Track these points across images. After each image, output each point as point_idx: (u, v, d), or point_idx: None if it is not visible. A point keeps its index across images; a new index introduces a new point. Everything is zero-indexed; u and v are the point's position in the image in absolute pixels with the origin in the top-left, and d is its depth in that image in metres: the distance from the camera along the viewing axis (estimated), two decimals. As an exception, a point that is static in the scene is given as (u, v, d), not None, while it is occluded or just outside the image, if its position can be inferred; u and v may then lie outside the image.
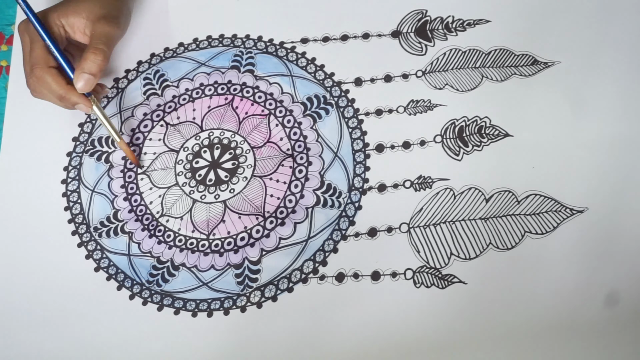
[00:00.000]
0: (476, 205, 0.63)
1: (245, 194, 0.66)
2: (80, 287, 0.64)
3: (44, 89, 0.63)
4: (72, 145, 0.71)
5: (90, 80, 0.63)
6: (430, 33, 0.71)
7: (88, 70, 0.62)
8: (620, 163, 0.63)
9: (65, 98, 0.63)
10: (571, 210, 0.62)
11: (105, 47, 0.64)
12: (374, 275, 0.61)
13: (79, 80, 0.62)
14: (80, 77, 0.62)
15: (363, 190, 0.65)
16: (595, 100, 0.66)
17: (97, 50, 0.63)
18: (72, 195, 0.68)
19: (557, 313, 0.58)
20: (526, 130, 0.65)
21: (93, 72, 0.63)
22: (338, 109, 0.68)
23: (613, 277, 0.59)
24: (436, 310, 0.60)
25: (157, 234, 0.65)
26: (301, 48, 0.72)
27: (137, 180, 0.68)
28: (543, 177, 0.63)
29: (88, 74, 0.62)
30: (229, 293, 0.62)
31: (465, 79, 0.68)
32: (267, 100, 0.69)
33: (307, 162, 0.66)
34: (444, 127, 0.66)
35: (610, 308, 0.58)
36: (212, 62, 0.72)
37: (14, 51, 0.75)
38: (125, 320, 0.62)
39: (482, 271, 0.60)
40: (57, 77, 0.63)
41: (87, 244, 0.66)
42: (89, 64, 0.63)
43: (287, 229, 0.64)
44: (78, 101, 0.64)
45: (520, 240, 0.61)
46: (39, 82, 0.63)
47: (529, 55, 0.68)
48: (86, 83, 0.62)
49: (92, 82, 0.63)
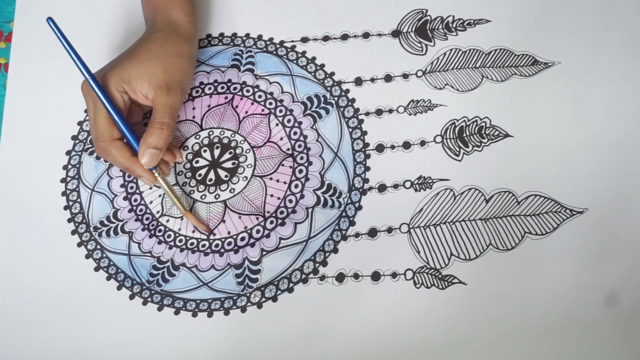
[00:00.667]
0: (476, 206, 0.63)
1: (246, 193, 0.66)
2: (80, 287, 0.64)
3: (109, 159, 0.63)
4: (71, 143, 0.70)
5: (155, 155, 0.62)
6: (430, 33, 0.71)
7: (154, 145, 0.61)
8: (620, 163, 0.63)
9: (129, 170, 0.62)
10: (571, 211, 0.62)
11: (171, 119, 0.62)
12: (374, 276, 0.61)
13: (144, 155, 0.61)
14: (146, 153, 0.61)
15: (363, 191, 0.65)
16: (595, 100, 0.66)
17: (163, 125, 0.62)
18: (71, 194, 0.68)
19: (557, 313, 0.59)
20: (526, 130, 0.65)
21: (159, 146, 0.62)
22: (338, 109, 0.68)
23: (613, 277, 0.59)
24: (436, 311, 0.60)
25: (157, 233, 0.65)
26: (301, 47, 0.72)
27: (136, 179, 0.68)
28: (543, 178, 0.63)
29: (154, 148, 0.61)
30: (229, 293, 0.62)
31: (466, 79, 0.68)
32: (267, 100, 0.69)
33: (307, 162, 0.66)
34: (444, 127, 0.66)
35: (610, 308, 0.58)
36: (212, 61, 0.72)
37: (13, 49, 0.75)
38: (125, 320, 0.62)
39: (482, 271, 0.61)
40: (122, 150, 0.62)
41: (87, 243, 0.66)
42: (155, 139, 0.61)
43: (288, 229, 0.64)
44: (142, 175, 0.63)
45: (520, 240, 0.61)
46: (104, 154, 0.62)
47: (529, 55, 0.68)
48: (151, 158, 0.62)
49: (157, 157, 0.62)
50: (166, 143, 0.62)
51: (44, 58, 0.75)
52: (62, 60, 0.73)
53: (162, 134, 0.61)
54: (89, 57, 0.69)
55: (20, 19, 0.77)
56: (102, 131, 0.61)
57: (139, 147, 0.62)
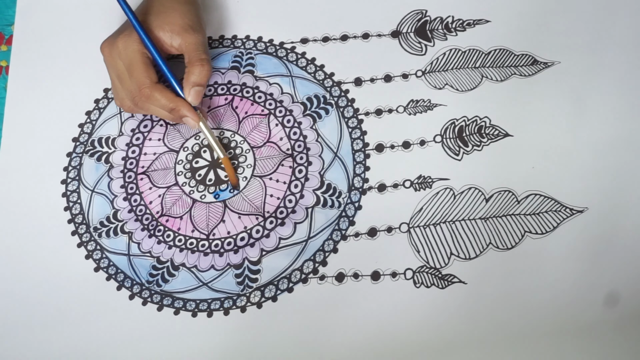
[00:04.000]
0: (476, 205, 0.63)
1: (245, 193, 0.66)
2: (80, 287, 0.64)
3: (153, 106, 0.64)
4: (72, 145, 0.71)
5: (200, 91, 0.64)
6: (430, 33, 0.71)
7: (198, 82, 0.64)
8: (620, 163, 0.63)
9: (175, 110, 0.64)
10: (571, 210, 0.62)
11: (207, 55, 0.65)
12: (374, 275, 0.61)
13: (190, 93, 0.64)
14: (192, 90, 0.64)
15: (363, 190, 0.65)
16: (595, 100, 0.66)
17: (203, 61, 0.64)
18: (72, 195, 0.68)
19: (557, 313, 0.58)
20: (526, 129, 0.65)
21: (202, 83, 0.64)
22: (338, 109, 0.68)
23: (613, 277, 0.59)
24: (436, 310, 0.60)
25: (157, 233, 0.65)
26: (301, 48, 0.72)
27: (136, 180, 0.68)
28: (543, 177, 0.63)
29: (198, 85, 0.64)
30: (229, 293, 0.62)
31: (465, 79, 0.68)
32: (267, 100, 0.69)
33: (307, 162, 0.66)
34: (444, 127, 0.66)
35: (610, 308, 0.58)
36: (212, 63, 0.72)
37: (14, 51, 0.75)
38: (125, 320, 0.62)
39: (482, 271, 0.60)
40: (166, 92, 0.64)
41: (87, 244, 0.66)
42: (197, 76, 0.64)
43: (287, 229, 0.64)
44: (187, 114, 0.64)
45: (520, 240, 0.61)
46: (149, 101, 0.63)
47: (529, 55, 0.68)
48: (197, 95, 0.64)
49: (201, 93, 0.65)
50: (207, 78, 0.65)
51: (44, 61, 0.75)
52: (63, 62, 0.73)
53: (203, 69, 0.64)
54: (91, 57, 0.70)
55: (20, 22, 0.77)
56: (142, 78, 0.63)
57: (184, 86, 0.64)
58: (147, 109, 0.65)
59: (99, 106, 0.72)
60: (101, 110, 0.72)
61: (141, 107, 0.65)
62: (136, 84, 0.63)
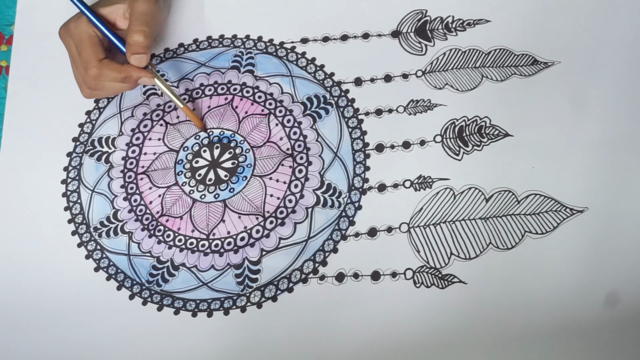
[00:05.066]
0: (476, 205, 0.63)
1: (245, 193, 0.66)
2: (80, 287, 0.64)
3: (104, 82, 0.65)
4: (72, 145, 0.71)
5: (142, 58, 0.65)
6: (430, 33, 0.71)
7: (135, 52, 0.64)
8: (620, 163, 0.63)
9: (127, 77, 0.65)
10: (571, 210, 0.62)
11: (145, 26, 0.65)
12: (374, 275, 0.61)
13: (131, 59, 0.65)
14: (132, 57, 0.64)
15: (363, 190, 0.65)
16: (595, 100, 0.66)
17: (136, 32, 0.64)
18: (72, 195, 0.68)
19: (557, 313, 0.58)
20: (526, 129, 0.65)
21: (139, 52, 0.64)
22: (338, 109, 0.68)
23: (613, 277, 0.59)
24: (436, 310, 0.60)
25: (157, 233, 0.65)
26: (301, 48, 0.72)
27: (136, 180, 0.68)
28: (543, 177, 0.63)
29: (136, 53, 0.64)
30: (229, 293, 0.62)
31: (465, 79, 0.68)
32: (267, 100, 0.69)
33: (307, 162, 0.66)
34: (444, 126, 0.66)
35: (610, 308, 0.58)
36: (212, 63, 0.72)
37: (14, 51, 0.75)
38: (125, 320, 0.62)
39: (482, 271, 0.60)
40: (112, 64, 0.65)
41: (87, 244, 0.66)
42: (133, 47, 0.64)
43: (287, 229, 0.64)
44: (140, 74, 0.65)
45: (520, 240, 0.61)
46: (99, 78, 0.64)
47: (529, 55, 0.68)
48: (139, 60, 0.65)
49: (144, 59, 0.65)
50: (144, 48, 0.65)
51: (44, 61, 0.75)
52: (63, 62, 0.73)
53: (138, 40, 0.64)
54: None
55: (21, 22, 0.77)
56: (88, 57, 0.64)
57: (127, 55, 0.65)
58: (102, 87, 0.66)
59: (99, 106, 0.72)
60: (101, 110, 0.72)
61: (95, 88, 0.66)
62: (84, 65, 0.64)
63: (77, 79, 0.67)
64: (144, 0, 0.66)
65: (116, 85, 0.66)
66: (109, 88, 0.66)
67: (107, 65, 0.64)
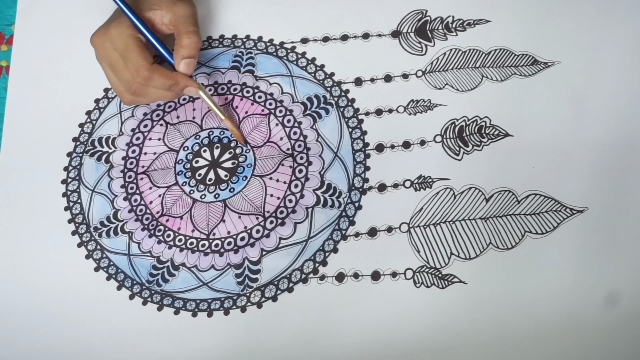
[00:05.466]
0: (476, 205, 0.63)
1: (245, 193, 0.66)
2: (80, 287, 0.64)
3: (152, 87, 0.64)
4: (72, 145, 0.71)
5: (191, 62, 0.65)
6: (430, 33, 0.71)
7: (187, 54, 0.64)
8: (620, 163, 0.63)
9: (174, 85, 0.65)
10: (571, 210, 0.62)
11: (196, 27, 0.66)
12: (374, 275, 0.61)
13: (181, 64, 0.65)
14: (182, 62, 0.65)
15: (363, 190, 0.65)
16: (595, 100, 0.66)
17: (190, 33, 0.65)
18: (72, 195, 0.68)
19: (557, 313, 0.58)
20: (526, 129, 0.65)
21: (192, 54, 0.65)
22: (338, 109, 0.68)
23: (613, 277, 0.59)
24: (436, 310, 0.60)
25: (157, 233, 0.65)
26: (301, 48, 0.72)
27: (137, 180, 0.68)
28: (543, 177, 0.63)
29: (187, 57, 0.64)
30: (229, 293, 0.62)
31: (465, 79, 0.68)
32: (267, 100, 0.70)
33: (307, 162, 0.66)
34: (444, 126, 0.66)
35: (610, 308, 0.58)
36: (212, 63, 0.72)
37: (14, 51, 0.75)
38: (125, 320, 0.62)
39: (482, 271, 0.60)
40: (163, 70, 0.64)
41: (87, 243, 0.66)
42: (186, 49, 0.65)
43: (287, 229, 0.64)
44: (187, 84, 0.65)
45: (520, 240, 0.61)
46: (148, 82, 0.64)
47: (529, 55, 0.68)
48: (188, 66, 0.65)
49: (193, 64, 0.65)
50: (198, 49, 0.65)
51: (45, 61, 0.75)
52: (63, 62, 0.73)
53: (192, 41, 0.65)
54: (91, 57, 0.70)
55: (21, 22, 0.77)
56: (138, 60, 0.63)
57: (175, 60, 0.65)
58: (147, 94, 0.65)
59: (99, 106, 0.72)
60: (101, 110, 0.72)
61: (140, 94, 0.65)
62: (133, 68, 0.63)
63: (117, 86, 0.66)
64: (184, 3, 0.66)
65: (160, 93, 0.66)
66: (152, 95, 0.66)
67: (158, 70, 0.64)
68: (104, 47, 0.65)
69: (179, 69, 0.65)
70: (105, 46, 0.65)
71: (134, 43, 0.63)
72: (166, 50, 0.66)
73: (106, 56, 0.65)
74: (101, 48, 0.65)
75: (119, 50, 0.64)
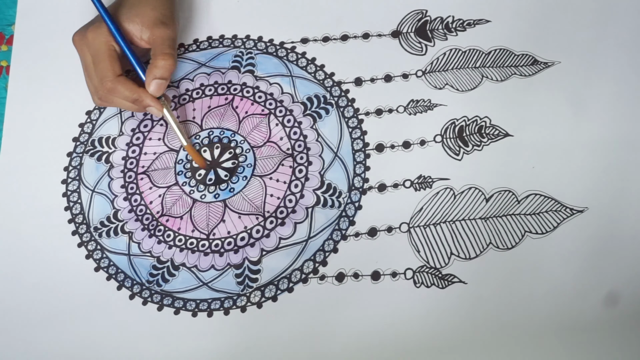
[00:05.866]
0: (476, 205, 0.63)
1: (245, 193, 0.66)
2: (80, 287, 0.64)
3: (116, 98, 0.65)
4: (72, 145, 0.71)
5: (161, 84, 0.65)
6: (430, 33, 0.71)
7: (160, 76, 0.64)
8: (620, 163, 0.63)
9: (138, 101, 0.65)
10: (571, 210, 0.62)
11: (172, 50, 0.66)
12: (374, 275, 0.61)
13: (151, 85, 0.64)
14: (153, 82, 0.64)
15: (363, 190, 0.65)
16: (595, 100, 0.66)
17: (166, 56, 0.64)
18: (72, 195, 0.68)
19: (557, 313, 0.58)
20: (526, 130, 0.65)
21: (164, 76, 0.65)
22: (338, 109, 0.68)
23: (613, 277, 0.59)
24: (436, 310, 0.60)
25: (157, 233, 0.65)
26: (301, 48, 0.72)
27: (137, 180, 0.68)
28: (543, 177, 0.63)
29: (159, 79, 0.64)
30: (229, 293, 0.62)
31: (466, 79, 0.68)
32: (267, 100, 0.70)
33: (307, 162, 0.66)
34: (444, 126, 0.66)
35: (610, 308, 0.58)
36: (212, 63, 0.72)
37: (14, 51, 0.75)
38: (125, 320, 0.62)
39: (482, 271, 0.60)
40: (128, 83, 0.64)
41: (87, 244, 0.66)
42: (160, 70, 0.64)
43: (287, 229, 0.64)
44: (150, 104, 0.65)
45: (520, 240, 0.61)
46: (111, 93, 0.64)
47: (529, 55, 0.68)
48: (159, 87, 0.65)
49: (164, 86, 0.65)
50: (170, 73, 0.65)
51: (45, 60, 0.75)
52: (63, 62, 0.73)
53: (166, 63, 0.64)
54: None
55: (21, 22, 0.77)
56: (105, 70, 0.64)
57: (146, 78, 0.65)
58: (112, 102, 0.66)
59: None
60: (101, 110, 0.72)
61: (105, 100, 0.66)
62: (100, 76, 0.64)
63: (89, 87, 0.67)
64: (165, 25, 0.66)
65: (126, 104, 0.66)
66: (118, 103, 0.66)
67: (123, 83, 0.64)
68: (81, 48, 0.66)
69: (149, 88, 0.64)
70: (82, 47, 0.65)
71: (105, 51, 0.64)
72: (139, 64, 0.66)
73: (82, 57, 0.66)
74: (78, 48, 0.66)
75: (92, 54, 0.65)
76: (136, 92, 0.64)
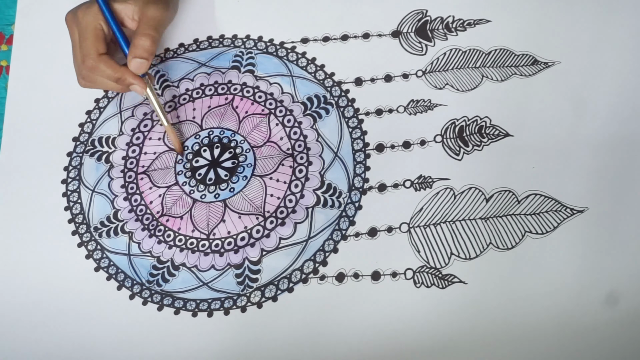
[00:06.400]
0: (476, 205, 0.63)
1: (245, 193, 0.66)
2: (80, 287, 0.64)
3: (98, 76, 0.65)
4: (72, 145, 0.71)
5: (143, 63, 0.64)
6: (430, 33, 0.71)
7: (139, 55, 0.64)
8: (620, 163, 0.63)
9: (121, 80, 0.65)
10: (571, 210, 0.62)
11: (154, 31, 0.65)
12: (374, 275, 0.61)
13: (131, 62, 0.64)
14: (133, 60, 0.64)
15: (363, 190, 0.65)
16: (595, 100, 0.66)
17: (145, 36, 0.64)
18: (72, 195, 0.68)
19: (557, 313, 0.58)
20: (526, 129, 0.65)
21: (143, 56, 0.64)
22: (338, 109, 0.68)
23: (613, 277, 0.59)
24: (436, 310, 0.60)
25: (157, 233, 0.65)
26: (301, 48, 0.72)
27: (137, 180, 0.68)
28: (543, 177, 0.63)
29: (139, 57, 0.64)
30: (229, 293, 0.62)
31: (466, 79, 0.68)
32: (267, 100, 0.70)
33: (307, 162, 0.66)
34: (444, 126, 0.66)
35: (610, 308, 0.58)
36: (212, 63, 0.72)
37: (14, 51, 0.75)
38: (125, 320, 0.62)
39: (482, 271, 0.60)
40: (110, 62, 0.64)
41: (87, 244, 0.66)
42: (138, 49, 0.64)
43: (287, 229, 0.64)
44: (133, 82, 0.65)
45: (520, 240, 0.61)
46: (93, 71, 0.64)
47: (529, 55, 0.68)
48: (139, 66, 0.64)
49: (145, 65, 0.65)
50: (150, 53, 0.65)
51: (45, 60, 0.75)
52: (63, 62, 0.73)
53: (145, 44, 0.64)
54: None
55: (21, 22, 0.77)
56: (88, 48, 0.64)
57: (128, 57, 0.64)
58: (95, 81, 0.66)
59: (99, 105, 0.72)
60: (101, 110, 0.72)
61: (89, 80, 0.66)
62: (82, 55, 0.64)
63: (75, 67, 0.67)
64: (156, 6, 0.66)
65: (109, 83, 0.66)
66: (101, 83, 0.66)
67: (105, 61, 0.64)
68: (71, 27, 0.66)
69: (130, 66, 0.64)
70: (72, 27, 0.66)
71: (92, 30, 0.64)
72: (127, 44, 0.66)
73: (71, 36, 0.66)
74: (69, 27, 0.66)
75: (79, 33, 0.65)
76: (119, 70, 0.64)
